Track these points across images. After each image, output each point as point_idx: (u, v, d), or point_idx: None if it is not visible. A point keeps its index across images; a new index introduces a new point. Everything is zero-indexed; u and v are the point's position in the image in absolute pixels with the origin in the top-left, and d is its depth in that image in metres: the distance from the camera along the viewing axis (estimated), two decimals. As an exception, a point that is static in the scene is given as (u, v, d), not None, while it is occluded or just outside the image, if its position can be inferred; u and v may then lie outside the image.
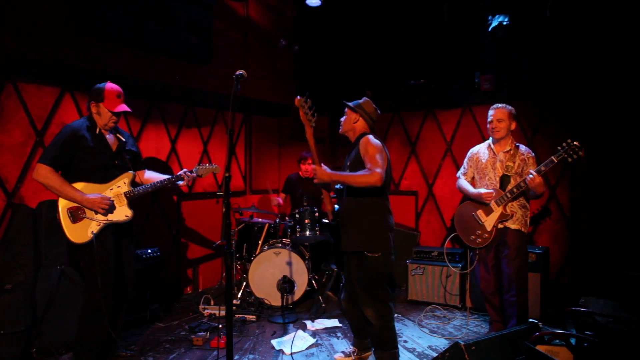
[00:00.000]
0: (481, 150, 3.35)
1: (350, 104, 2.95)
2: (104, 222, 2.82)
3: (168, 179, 3.04)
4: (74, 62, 3.72)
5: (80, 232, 2.78)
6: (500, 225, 3.15)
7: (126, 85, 4.15)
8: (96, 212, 2.82)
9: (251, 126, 5.50)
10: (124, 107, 2.89)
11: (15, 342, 2.99)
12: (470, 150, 3.42)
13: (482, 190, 3.22)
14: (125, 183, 2.94)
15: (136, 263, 3.71)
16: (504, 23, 4.44)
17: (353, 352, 3.13)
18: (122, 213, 2.89)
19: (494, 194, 3.17)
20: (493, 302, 3.27)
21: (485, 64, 4.69)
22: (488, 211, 3.18)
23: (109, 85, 2.85)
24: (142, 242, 4.32)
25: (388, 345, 2.85)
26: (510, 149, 3.20)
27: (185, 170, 3.10)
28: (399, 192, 5.13)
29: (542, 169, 2.94)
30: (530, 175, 2.94)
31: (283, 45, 5.64)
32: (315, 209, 4.18)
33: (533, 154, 3.21)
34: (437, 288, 4.22)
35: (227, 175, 2.23)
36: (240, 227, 4.57)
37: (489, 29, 4.53)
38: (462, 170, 3.46)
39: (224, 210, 2.21)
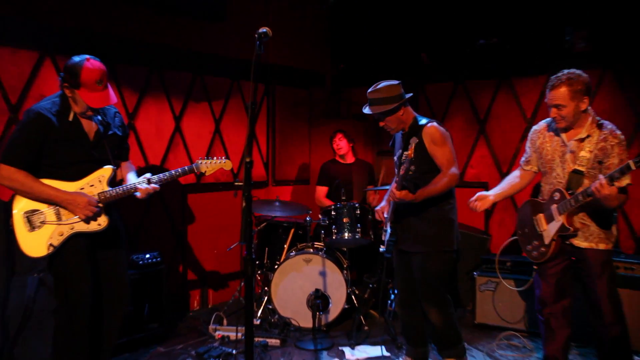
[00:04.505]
0: (547, 131, 2.95)
1: (377, 109, 3.04)
2: (69, 232, 2.80)
3: (132, 187, 2.94)
4: (55, 20, 3.69)
5: (36, 243, 2.76)
6: (565, 241, 2.86)
7: (119, 48, 4.09)
8: (77, 218, 2.80)
9: (275, 100, 5.46)
10: (106, 100, 2.85)
11: (-22, 369, 3.06)
12: (533, 128, 3.05)
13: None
14: (101, 181, 2.89)
15: (131, 271, 3.72)
16: (607, -41, 4.17)
17: (407, 365, 3.41)
18: (94, 221, 2.84)
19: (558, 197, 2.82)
20: (550, 325, 2.97)
21: (579, 16, 4.42)
22: (549, 218, 2.86)
23: (87, 67, 2.75)
24: (139, 244, 4.30)
25: (453, 341, 3.20)
26: (588, 135, 2.76)
27: (171, 171, 3.02)
28: (464, 184, 4.94)
29: (616, 175, 2.53)
30: (597, 183, 2.55)
31: (315, -2, 5.60)
32: (357, 204, 4.16)
33: (621, 135, 2.74)
34: (515, 309, 4.06)
35: (248, 160, 2.21)
36: (262, 227, 4.57)
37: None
38: (523, 157, 3.13)
39: (244, 204, 2.16)
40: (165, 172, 3.02)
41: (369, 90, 3.09)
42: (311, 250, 4.21)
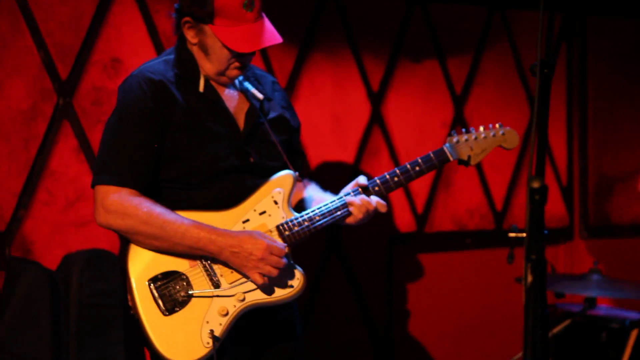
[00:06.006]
0: None
1: None
2: (239, 307, 2.97)
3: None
4: None
5: (184, 337, 2.95)
6: None
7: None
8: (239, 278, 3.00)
9: (586, 49, 5.56)
10: (263, 38, 3.06)
11: None
12: None
13: None
14: (277, 202, 3.09)
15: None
16: None
17: None
18: (280, 281, 3.03)
19: None
20: None
21: None
22: None
23: None
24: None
25: None
26: None
27: (406, 165, 3.21)
28: None
29: None
30: None
31: None
32: None
33: None
34: None
35: (536, 186, 2.18)
36: (562, 330, 4.53)
37: None
38: None
39: (529, 280, 2.09)
40: (394, 170, 3.17)
41: None
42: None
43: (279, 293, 2.98)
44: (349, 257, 4.69)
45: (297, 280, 2.99)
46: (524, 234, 2.15)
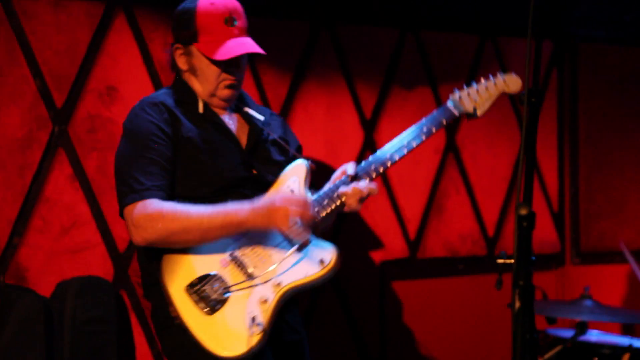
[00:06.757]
0: None
1: None
2: (279, 291, 3.00)
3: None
4: None
5: (229, 332, 2.95)
6: None
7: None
8: (287, 243, 3.05)
9: (577, 77, 5.54)
10: (244, 46, 3.12)
11: None
12: None
13: None
14: (294, 191, 3.16)
15: None
16: None
17: None
18: (313, 258, 3.03)
19: None
20: None
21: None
22: None
23: (204, 2, 3.12)
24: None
25: None
26: None
27: (407, 133, 3.29)
28: None
29: None
30: None
31: None
32: None
33: None
34: None
35: (523, 213, 2.23)
36: (553, 355, 4.47)
37: None
38: None
39: (517, 306, 2.12)
40: (388, 145, 3.30)
41: None
42: None
43: (313, 271, 2.99)
44: (342, 283, 4.66)
45: (329, 254, 3.00)
46: (512, 260, 2.17)
